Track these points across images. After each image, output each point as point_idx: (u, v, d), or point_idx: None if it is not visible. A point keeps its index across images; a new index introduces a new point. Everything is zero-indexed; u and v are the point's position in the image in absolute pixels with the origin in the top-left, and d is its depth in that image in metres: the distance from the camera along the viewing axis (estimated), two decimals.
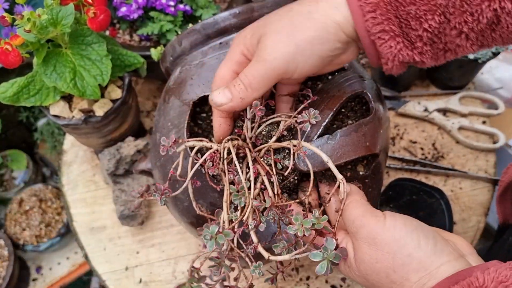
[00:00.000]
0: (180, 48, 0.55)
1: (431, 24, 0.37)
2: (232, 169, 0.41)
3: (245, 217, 0.39)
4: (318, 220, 0.37)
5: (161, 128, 0.53)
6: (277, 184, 0.41)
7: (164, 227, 0.76)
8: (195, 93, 0.51)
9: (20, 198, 1.11)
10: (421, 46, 0.38)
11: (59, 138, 1.16)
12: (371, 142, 0.47)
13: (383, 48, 0.39)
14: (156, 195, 0.43)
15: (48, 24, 0.56)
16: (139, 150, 0.75)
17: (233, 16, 0.52)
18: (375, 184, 0.50)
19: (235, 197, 0.40)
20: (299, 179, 0.46)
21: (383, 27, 0.38)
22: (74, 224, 0.78)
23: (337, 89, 0.48)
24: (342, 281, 0.70)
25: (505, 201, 0.62)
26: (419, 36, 0.38)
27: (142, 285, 0.72)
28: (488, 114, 0.84)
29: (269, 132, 0.45)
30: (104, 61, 0.62)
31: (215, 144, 0.43)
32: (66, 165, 0.85)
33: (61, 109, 0.66)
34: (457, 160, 0.81)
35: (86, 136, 0.72)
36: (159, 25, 0.74)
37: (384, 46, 0.39)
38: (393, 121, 0.85)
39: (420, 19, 0.37)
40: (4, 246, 1.02)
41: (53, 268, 1.11)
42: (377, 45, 0.39)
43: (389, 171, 0.80)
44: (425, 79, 0.90)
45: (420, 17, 0.37)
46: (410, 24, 0.37)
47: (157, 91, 0.91)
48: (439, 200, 0.70)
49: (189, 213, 0.50)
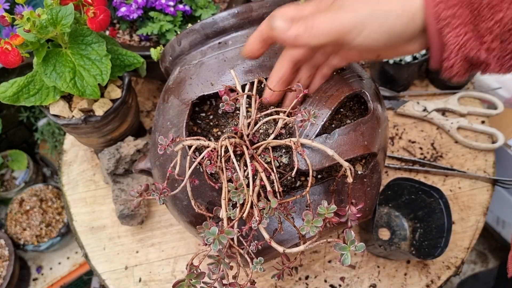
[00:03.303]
0: (180, 48, 0.55)
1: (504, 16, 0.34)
2: (230, 166, 0.41)
3: (244, 214, 0.39)
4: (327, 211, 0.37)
5: (160, 127, 0.53)
6: (278, 181, 0.41)
7: (163, 227, 0.76)
8: (194, 93, 0.51)
9: (20, 198, 1.11)
10: (490, 40, 0.36)
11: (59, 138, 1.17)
12: (369, 141, 0.48)
13: (450, 37, 0.36)
14: (154, 195, 0.43)
15: (48, 24, 0.56)
16: (138, 150, 0.75)
17: (232, 16, 0.52)
18: (373, 183, 0.51)
19: (234, 195, 0.40)
20: (295, 177, 0.47)
21: (454, 11, 0.35)
22: (74, 224, 0.79)
23: (335, 89, 0.48)
24: (341, 281, 0.70)
25: None
26: (489, 29, 0.35)
27: (141, 284, 0.72)
28: (487, 114, 0.84)
29: (267, 130, 0.45)
30: (103, 61, 0.62)
31: (212, 143, 0.43)
32: (66, 165, 0.85)
33: (61, 109, 0.66)
34: (456, 160, 0.81)
35: (86, 136, 0.72)
36: (159, 25, 0.74)
37: (451, 35, 0.36)
38: (392, 121, 0.86)
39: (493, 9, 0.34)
40: (5, 246, 1.02)
41: (54, 268, 1.12)
42: (444, 33, 0.36)
43: (388, 170, 0.80)
44: (424, 79, 0.90)
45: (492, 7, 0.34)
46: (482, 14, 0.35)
47: (156, 91, 0.91)
48: (438, 199, 0.70)
49: (188, 212, 0.51)
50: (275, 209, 0.40)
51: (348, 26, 0.38)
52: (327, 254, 0.73)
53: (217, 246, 0.37)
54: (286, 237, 0.47)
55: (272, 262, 0.69)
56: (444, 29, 0.36)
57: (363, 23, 0.38)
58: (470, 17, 0.36)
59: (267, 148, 0.44)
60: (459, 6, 0.35)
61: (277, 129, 0.44)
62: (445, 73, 0.40)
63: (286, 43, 0.41)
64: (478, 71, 0.39)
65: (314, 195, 0.47)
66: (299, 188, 0.48)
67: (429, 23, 0.37)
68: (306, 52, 0.45)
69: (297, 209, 0.46)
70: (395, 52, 0.42)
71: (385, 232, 0.75)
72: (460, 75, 0.39)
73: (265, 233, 0.40)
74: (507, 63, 0.37)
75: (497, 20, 0.35)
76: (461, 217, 0.75)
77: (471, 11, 0.35)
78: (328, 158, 0.44)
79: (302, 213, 0.43)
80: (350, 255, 0.36)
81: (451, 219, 0.68)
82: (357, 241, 0.36)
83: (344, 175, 0.44)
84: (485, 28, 0.36)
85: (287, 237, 0.47)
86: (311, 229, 0.37)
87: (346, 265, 0.36)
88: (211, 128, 0.53)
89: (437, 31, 0.37)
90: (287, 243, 0.47)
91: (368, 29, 0.38)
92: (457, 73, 0.39)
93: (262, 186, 0.42)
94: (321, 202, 0.38)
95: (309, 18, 0.39)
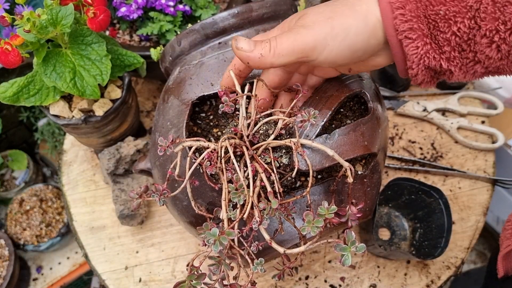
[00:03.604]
0: (179, 48, 0.55)
1: (460, 27, 0.35)
2: (230, 167, 0.41)
3: (245, 215, 0.39)
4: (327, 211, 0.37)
5: (160, 127, 0.53)
6: (278, 181, 0.41)
7: (163, 227, 0.77)
8: (194, 93, 0.51)
9: (20, 198, 1.11)
10: (449, 51, 0.37)
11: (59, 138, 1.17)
12: (369, 142, 0.48)
13: (410, 49, 0.37)
14: (154, 196, 0.43)
15: (48, 24, 0.56)
16: (138, 150, 0.75)
17: (232, 16, 0.52)
18: (373, 183, 0.51)
19: (234, 195, 0.40)
20: (295, 177, 0.47)
21: (411, 24, 0.36)
22: (74, 224, 0.79)
23: (335, 89, 0.48)
24: (341, 281, 0.70)
25: (509, 258, 0.62)
26: (447, 40, 0.36)
27: (141, 284, 0.72)
28: (487, 114, 0.84)
29: (267, 130, 0.45)
30: (103, 61, 0.62)
31: (212, 144, 0.43)
32: (66, 165, 0.85)
33: (61, 109, 0.66)
34: (456, 160, 0.81)
35: (86, 136, 0.72)
36: (159, 25, 0.74)
37: (410, 46, 0.37)
38: (392, 121, 0.86)
39: (449, 21, 0.35)
40: (5, 246, 1.02)
41: (54, 268, 1.12)
42: (404, 45, 0.37)
43: (388, 170, 0.80)
44: None
45: (449, 18, 0.35)
46: (439, 26, 0.36)
47: (157, 91, 0.91)
48: (438, 199, 0.70)
49: (188, 212, 0.51)
50: (276, 209, 0.40)
51: (311, 44, 0.39)
52: (327, 254, 0.73)
53: (218, 247, 0.37)
54: (287, 237, 0.47)
55: (273, 262, 0.69)
56: (404, 41, 0.37)
57: (324, 40, 0.39)
58: (427, 29, 0.37)
59: (267, 149, 0.44)
60: (416, 19, 0.36)
61: (277, 129, 0.44)
62: (412, 81, 0.41)
63: (251, 64, 0.41)
64: (443, 78, 0.40)
65: (314, 195, 0.47)
66: (299, 188, 0.48)
67: (389, 36, 0.38)
68: (282, 76, 0.46)
69: (298, 210, 0.46)
70: (365, 66, 0.43)
71: (385, 232, 0.75)
72: (426, 82, 0.41)
73: (265, 233, 0.40)
74: (470, 70, 0.38)
75: (453, 31, 0.36)
76: (461, 217, 0.75)
77: (428, 24, 0.36)
78: (328, 159, 0.44)
79: (302, 214, 0.43)
80: (350, 255, 0.36)
81: (451, 219, 0.68)
82: (357, 242, 0.36)
83: (344, 175, 0.44)
84: (444, 39, 0.37)
85: (288, 238, 0.47)
86: (312, 229, 0.37)
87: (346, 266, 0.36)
88: (211, 128, 0.53)
89: (398, 42, 0.38)
90: (288, 244, 0.47)
91: (330, 46, 0.39)
92: (423, 81, 0.40)
93: (262, 186, 0.42)
94: (322, 202, 0.38)
95: (272, 39, 0.40)
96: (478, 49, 0.36)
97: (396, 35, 0.37)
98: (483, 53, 0.36)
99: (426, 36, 0.37)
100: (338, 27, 0.38)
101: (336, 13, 0.39)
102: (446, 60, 0.37)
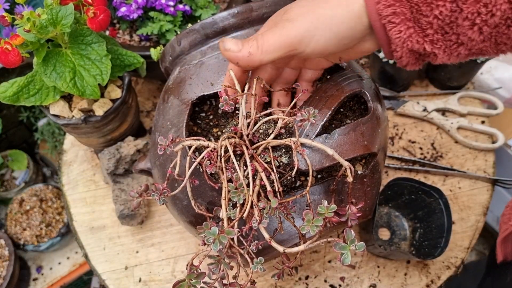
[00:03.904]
0: (179, 48, 0.55)
1: (442, 10, 0.36)
2: (230, 166, 0.41)
3: (244, 214, 0.39)
4: (327, 210, 0.37)
5: (160, 127, 0.53)
6: (278, 180, 0.41)
7: (163, 227, 0.77)
8: (194, 93, 0.51)
9: (20, 198, 1.11)
10: (432, 33, 0.38)
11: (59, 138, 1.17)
12: (369, 141, 0.48)
13: (393, 33, 0.38)
14: (154, 195, 0.43)
15: (48, 23, 0.56)
16: (138, 150, 0.75)
17: (232, 16, 0.52)
18: (373, 183, 0.51)
19: (234, 194, 0.40)
20: (295, 177, 0.47)
21: (394, 9, 0.37)
22: (74, 224, 0.79)
23: (335, 89, 0.48)
24: (341, 281, 0.70)
25: (507, 242, 0.62)
26: (429, 23, 0.37)
27: (141, 284, 0.72)
28: (487, 114, 0.84)
29: (266, 130, 0.45)
30: (103, 60, 0.62)
31: (212, 143, 0.43)
32: (66, 165, 0.85)
33: (61, 109, 0.66)
34: (456, 160, 0.81)
35: (86, 136, 0.72)
36: (159, 25, 0.74)
37: (394, 31, 0.38)
38: (392, 121, 0.86)
39: (431, 4, 0.36)
40: (5, 246, 1.02)
41: (54, 268, 1.12)
42: (387, 29, 0.38)
43: (388, 170, 0.80)
44: (424, 79, 0.90)
45: (431, 2, 0.36)
46: (421, 9, 0.37)
47: (157, 91, 0.91)
48: (438, 199, 0.70)
49: (188, 212, 0.51)
50: (275, 208, 0.40)
51: (297, 37, 0.39)
52: (327, 254, 0.73)
53: (218, 246, 0.37)
54: (286, 237, 0.47)
55: (272, 262, 0.69)
56: (387, 26, 0.38)
57: (310, 31, 0.39)
58: (410, 13, 0.37)
59: (267, 148, 0.44)
60: (399, 4, 0.37)
61: (276, 128, 0.44)
62: (398, 63, 0.41)
63: (241, 64, 0.41)
64: (428, 60, 0.41)
65: (314, 195, 0.47)
66: (299, 188, 0.48)
67: (373, 21, 0.38)
68: (271, 72, 0.47)
69: (297, 209, 0.46)
70: (354, 53, 0.43)
71: (385, 232, 0.75)
72: (412, 65, 0.41)
73: (265, 233, 0.40)
74: (454, 52, 0.39)
75: (435, 15, 0.36)
76: (461, 217, 0.75)
77: (410, 8, 0.37)
78: (328, 158, 0.44)
79: (302, 213, 0.43)
80: (350, 254, 0.36)
81: (451, 219, 0.68)
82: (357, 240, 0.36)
83: (344, 174, 0.44)
84: (426, 22, 0.37)
85: (287, 237, 0.47)
86: (311, 228, 0.37)
87: (346, 265, 0.36)
88: (211, 128, 0.53)
89: (382, 27, 0.39)
90: (287, 243, 0.47)
91: (317, 36, 0.39)
92: (408, 63, 0.41)
93: (262, 186, 0.42)
94: (321, 201, 0.38)
95: (259, 36, 0.40)
96: (461, 31, 0.37)
97: (380, 20, 0.38)
98: (466, 35, 0.37)
99: (409, 20, 0.37)
100: (323, 17, 0.39)
101: (320, 4, 0.39)
102: (430, 43, 0.38)
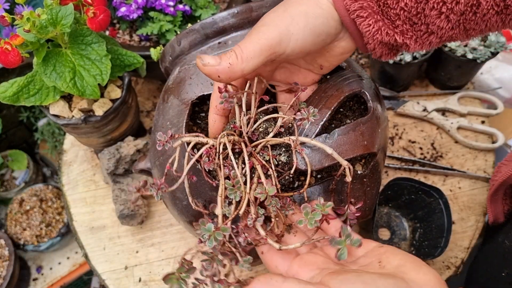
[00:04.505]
0: (179, 48, 0.55)
1: (407, 2, 0.37)
2: (228, 164, 0.41)
3: (241, 212, 0.39)
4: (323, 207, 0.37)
5: (160, 127, 0.53)
6: (276, 178, 0.41)
7: (163, 227, 0.76)
8: (194, 93, 0.51)
9: (20, 198, 1.11)
10: (401, 24, 0.38)
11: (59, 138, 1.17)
12: (369, 141, 0.47)
13: (363, 27, 0.39)
14: (152, 190, 0.43)
15: (48, 24, 0.56)
16: (138, 150, 0.75)
17: (232, 16, 0.52)
18: (373, 183, 0.50)
19: (230, 192, 0.40)
20: (294, 177, 0.47)
21: (361, 3, 0.38)
22: (74, 224, 0.79)
23: (335, 88, 0.48)
24: None
25: (496, 200, 0.62)
26: (397, 15, 0.38)
27: (141, 284, 0.72)
28: (487, 114, 0.84)
29: (266, 128, 0.45)
30: (103, 61, 0.62)
31: (211, 140, 0.43)
32: (66, 165, 0.85)
33: (61, 109, 0.66)
34: (456, 160, 0.81)
35: (86, 136, 0.72)
36: (159, 25, 0.74)
37: (363, 24, 0.39)
38: (392, 121, 0.86)
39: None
40: (5, 246, 1.02)
41: (54, 268, 1.12)
42: (357, 23, 0.39)
43: (388, 170, 0.80)
44: (424, 79, 0.90)
45: None
46: (387, 2, 0.38)
47: (157, 91, 0.91)
48: (438, 199, 0.70)
49: (188, 212, 0.51)
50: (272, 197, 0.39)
51: (275, 38, 0.39)
52: None
53: (213, 243, 0.37)
54: None
55: None
56: (357, 20, 0.39)
57: (287, 30, 0.39)
58: (377, 7, 0.38)
59: (266, 147, 0.44)
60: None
61: (276, 127, 0.44)
62: (372, 55, 0.42)
63: (222, 78, 0.39)
64: (402, 50, 0.42)
65: (313, 195, 0.47)
66: (297, 188, 0.48)
67: (342, 16, 0.39)
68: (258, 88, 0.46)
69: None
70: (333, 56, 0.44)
71: (385, 232, 0.75)
72: (386, 55, 0.42)
73: (261, 230, 0.40)
74: (425, 41, 0.40)
75: (401, 6, 0.37)
76: (461, 217, 0.75)
77: (377, 1, 0.38)
78: (328, 158, 0.44)
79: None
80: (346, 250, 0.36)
81: (451, 219, 0.68)
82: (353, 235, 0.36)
83: (343, 174, 0.44)
84: (394, 14, 0.38)
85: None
86: (309, 221, 0.37)
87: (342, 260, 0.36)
88: None
89: (352, 21, 0.39)
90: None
91: (295, 35, 0.39)
92: (382, 55, 0.42)
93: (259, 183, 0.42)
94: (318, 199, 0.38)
95: (236, 47, 0.39)
96: (430, 21, 0.38)
97: (349, 15, 0.39)
98: (435, 24, 0.38)
99: (377, 13, 0.38)
100: (297, 16, 0.39)
101: (291, 5, 0.40)
102: (400, 34, 0.39)
